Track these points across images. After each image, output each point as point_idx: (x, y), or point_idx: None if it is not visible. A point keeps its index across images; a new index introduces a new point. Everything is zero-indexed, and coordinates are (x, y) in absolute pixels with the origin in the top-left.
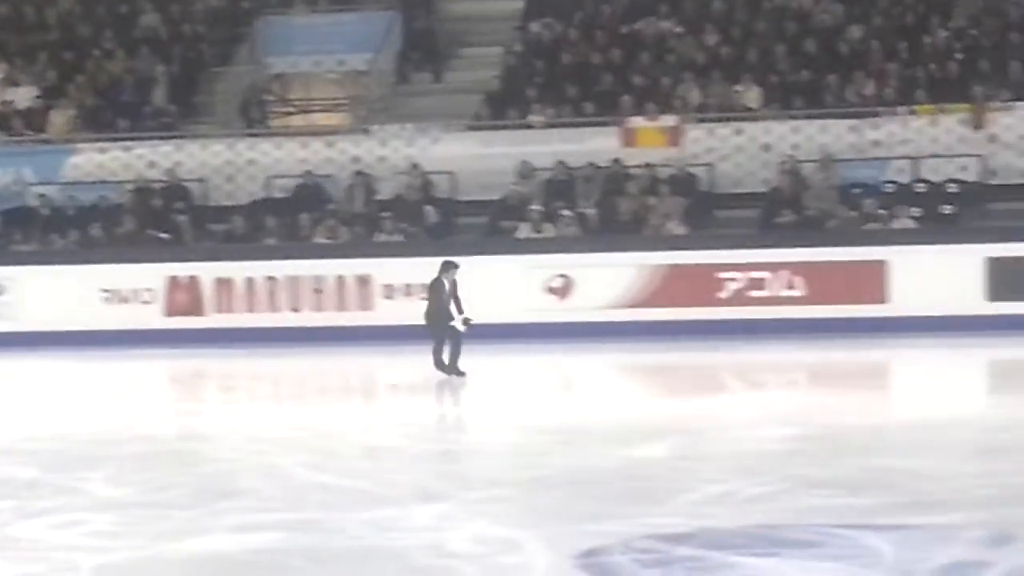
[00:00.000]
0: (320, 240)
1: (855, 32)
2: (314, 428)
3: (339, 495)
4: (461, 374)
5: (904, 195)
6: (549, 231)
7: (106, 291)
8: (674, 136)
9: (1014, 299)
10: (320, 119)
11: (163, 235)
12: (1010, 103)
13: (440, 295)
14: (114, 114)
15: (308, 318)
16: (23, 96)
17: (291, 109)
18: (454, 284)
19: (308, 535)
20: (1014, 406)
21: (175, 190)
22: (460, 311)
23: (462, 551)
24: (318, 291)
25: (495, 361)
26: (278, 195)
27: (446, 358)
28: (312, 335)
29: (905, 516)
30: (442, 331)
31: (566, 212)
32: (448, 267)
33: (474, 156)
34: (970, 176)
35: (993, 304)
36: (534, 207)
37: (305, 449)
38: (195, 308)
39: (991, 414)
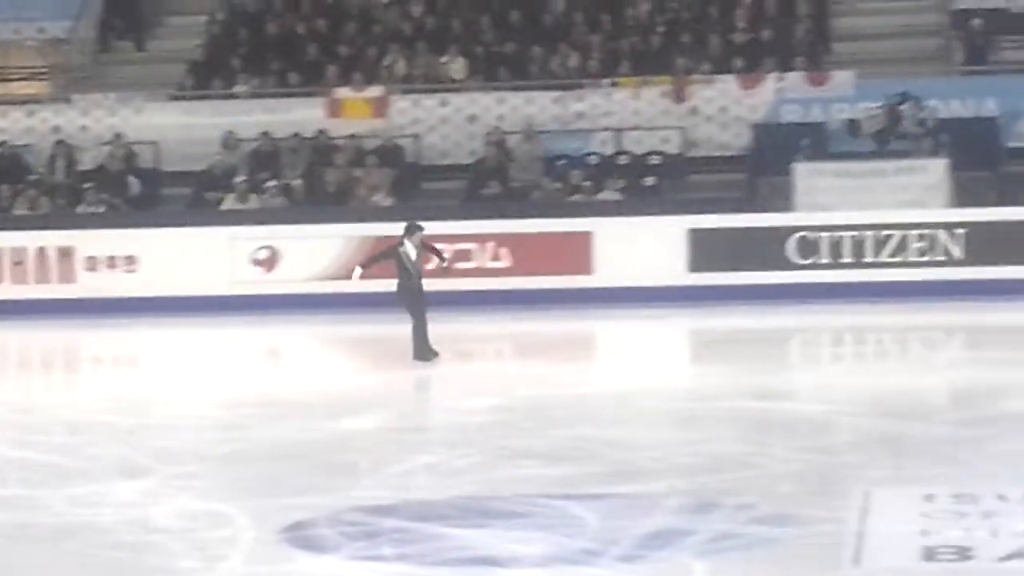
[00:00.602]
0: (20, 212)
1: (559, 4)
2: (15, 404)
3: (41, 471)
4: (434, 354)
5: (607, 167)
6: (254, 202)
7: None
8: (380, 107)
9: (714, 269)
10: (19, 88)
11: None
12: (710, 76)
13: (404, 264)
14: None
15: (8, 291)
16: None
17: None
18: (420, 246)
19: (9, 512)
20: (714, 375)
21: None
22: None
23: (167, 526)
24: (18, 264)
25: (199, 333)
26: None
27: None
28: (13, 308)
29: (609, 485)
30: (412, 306)
31: (271, 183)
32: (412, 230)
33: (178, 126)
34: (672, 148)
35: (694, 275)
36: (239, 178)
37: (5, 425)
38: None
39: (692, 384)
